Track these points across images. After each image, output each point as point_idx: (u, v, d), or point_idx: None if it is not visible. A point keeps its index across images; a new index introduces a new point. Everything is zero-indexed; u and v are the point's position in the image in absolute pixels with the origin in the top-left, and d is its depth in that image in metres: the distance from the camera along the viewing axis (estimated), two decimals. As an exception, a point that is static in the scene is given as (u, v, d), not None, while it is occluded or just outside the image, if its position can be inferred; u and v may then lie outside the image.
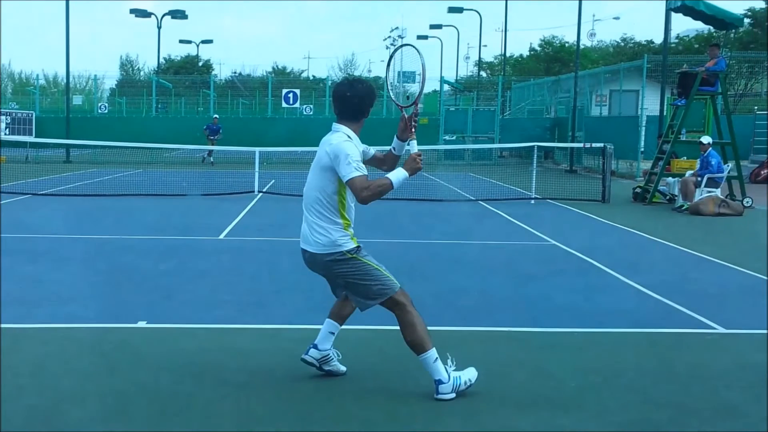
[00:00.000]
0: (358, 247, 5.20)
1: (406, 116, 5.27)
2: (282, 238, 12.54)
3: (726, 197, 16.70)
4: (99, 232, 12.82)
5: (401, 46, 5.55)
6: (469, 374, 5.26)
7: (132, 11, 49.93)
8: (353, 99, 5.21)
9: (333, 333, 5.58)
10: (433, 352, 5.14)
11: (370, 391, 5.39)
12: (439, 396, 5.13)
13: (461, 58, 77.37)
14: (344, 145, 5.07)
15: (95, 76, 49.85)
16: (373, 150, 5.44)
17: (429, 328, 5.24)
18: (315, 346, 5.56)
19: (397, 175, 5.06)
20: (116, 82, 65.83)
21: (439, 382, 5.14)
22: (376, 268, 5.17)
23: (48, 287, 8.47)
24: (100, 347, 6.31)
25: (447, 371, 5.17)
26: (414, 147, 5.19)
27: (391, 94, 5.88)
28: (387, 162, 5.43)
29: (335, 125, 5.26)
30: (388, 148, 5.40)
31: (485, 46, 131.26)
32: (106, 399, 5.16)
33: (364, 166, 5.08)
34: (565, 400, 5.28)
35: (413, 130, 5.24)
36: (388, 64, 5.63)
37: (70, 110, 34.83)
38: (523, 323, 7.33)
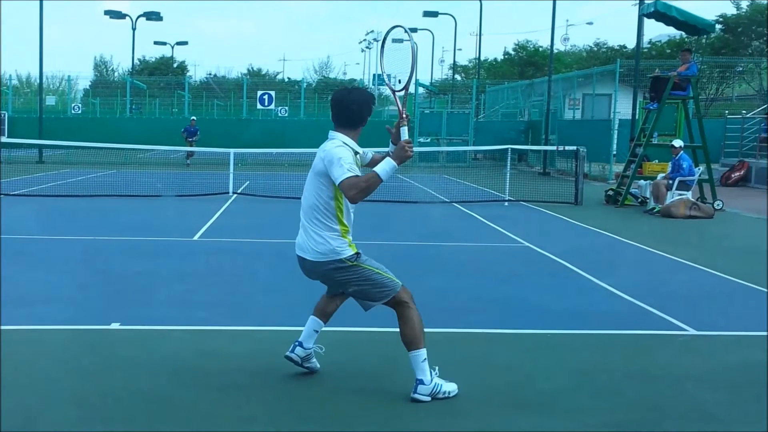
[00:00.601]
0: (358, 253, 5.23)
1: (399, 104, 5.29)
2: (257, 239, 12.54)
3: (697, 200, 16.88)
4: (72, 233, 12.74)
5: (391, 29, 5.50)
6: (450, 387, 5.29)
7: (106, 12, 49.56)
8: (351, 106, 5.22)
9: (317, 331, 5.62)
10: (424, 352, 5.19)
11: (348, 392, 5.42)
12: (416, 395, 5.16)
13: (436, 62, 77.60)
14: (336, 150, 5.08)
15: (69, 76, 49.55)
16: (371, 153, 5.47)
17: (395, 329, 5.29)
18: (300, 344, 5.59)
19: (384, 166, 5.03)
20: (90, 83, 65.22)
21: (420, 381, 5.18)
22: (377, 272, 5.23)
23: (20, 288, 8.38)
24: (74, 349, 6.29)
25: (431, 374, 5.21)
26: (405, 134, 5.16)
27: (384, 77, 5.86)
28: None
29: (332, 133, 5.26)
30: (385, 149, 5.38)
31: (460, 49, 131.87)
32: (80, 402, 5.14)
33: (357, 168, 5.07)
34: (540, 402, 5.32)
35: (405, 116, 5.23)
36: (383, 48, 5.56)
37: (43, 110, 34.53)
38: (496, 325, 7.38)
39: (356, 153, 5.20)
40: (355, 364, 6.06)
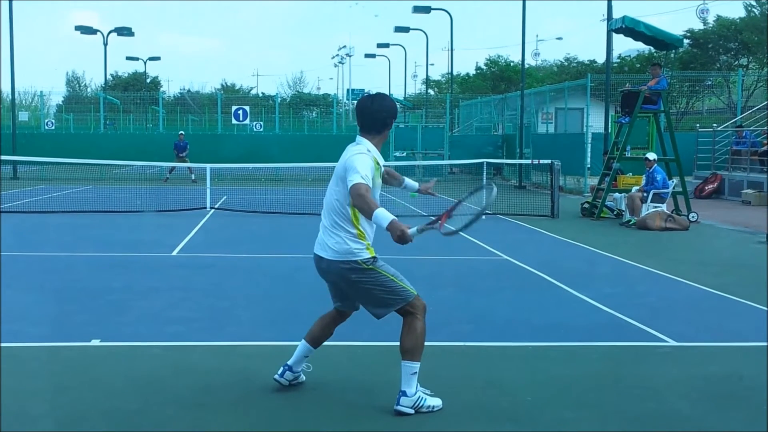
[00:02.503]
0: (374, 257, 5.24)
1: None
2: (235, 254, 12.50)
3: (672, 212, 17.04)
4: (50, 250, 12.65)
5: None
6: (435, 401, 5.30)
7: (77, 28, 49.34)
8: (375, 114, 5.29)
9: (307, 356, 5.63)
10: (417, 366, 5.19)
11: (329, 406, 5.40)
12: (399, 407, 5.16)
13: (409, 77, 77.96)
14: (358, 157, 5.13)
15: (41, 92, 49.14)
16: (410, 182, 5.92)
17: (382, 343, 5.29)
18: (290, 368, 5.60)
19: (383, 214, 4.92)
20: (63, 99, 64.81)
21: (404, 393, 5.18)
22: (392, 279, 5.24)
23: (-3, 306, 8.31)
24: (53, 366, 6.23)
25: (417, 388, 5.21)
26: (414, 231, 5.13)
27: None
28: (389, 180, 5.71)
29: (358, 138, 5.33)
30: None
31: (432, 64, 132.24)
32: (58, 419, 5.10)
33: (371, 179, 5.10)
34: (521, 414, 5.34)
35: (438, 223, 5.52)
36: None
37: (16, 126, 34.25)
38: (476, 338, 7.38)
39: (378, 163, 5.24)
40: (337, 378, 6.04)
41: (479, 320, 8.15)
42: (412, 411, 5.17)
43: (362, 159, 5.12)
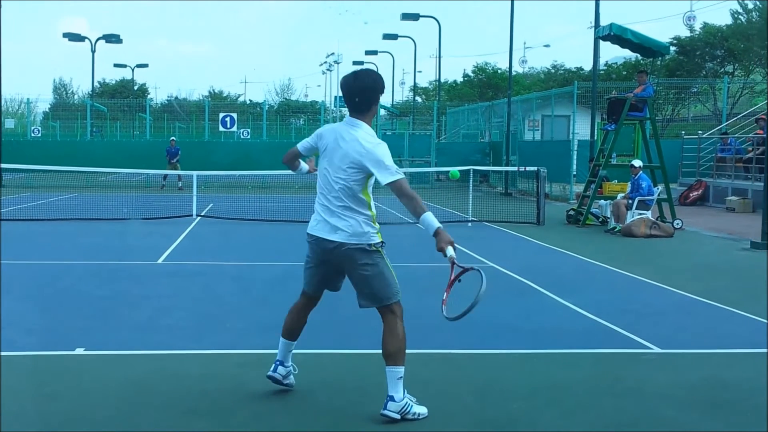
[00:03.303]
0: (383, 242, 5.29)
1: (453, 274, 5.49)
2: (221, 261, 12.49)
3: (657, 219, 17.13)
4: (35, 258, 12.61)
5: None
6: (421, 409, 5.30)
7: (65, 35, 49.11)
8: (363, 92, 5.24)
9: (290, 351, 5.66)
10: (402, 370, 5.20)
11: (313, 413, 5.42)
12: (386, 412, 5.17)
13: (397, 84, 78.00)
14: (381, 149, 5.16)
15: (28, 99, 48.88)
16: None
17: (368, 351, 5.31)
18: (281, 363, 5.62)
19: (432, 219, 5.19)
20: (50, 106, 64.66)
21: (391, 398, 5.18)
22: (390, 271, 5.29)
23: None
24: (38, 375, 6.22)
25: (404, 393, 5.22)
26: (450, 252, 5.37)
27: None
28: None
29: (352, 120, 5.28)
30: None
31: (420, 71, 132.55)
32: (48, 427, 5.10)
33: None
34: (510, 421, 5.37)
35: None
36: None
37: (2, 134, 34.11)
38: (462, 345, 7.41)
39: None
40: (324, 384, 6.06)
41: (465, 327, 8.13)
42: (398, 416, 5.17)
43: (386, 150, 5.16)
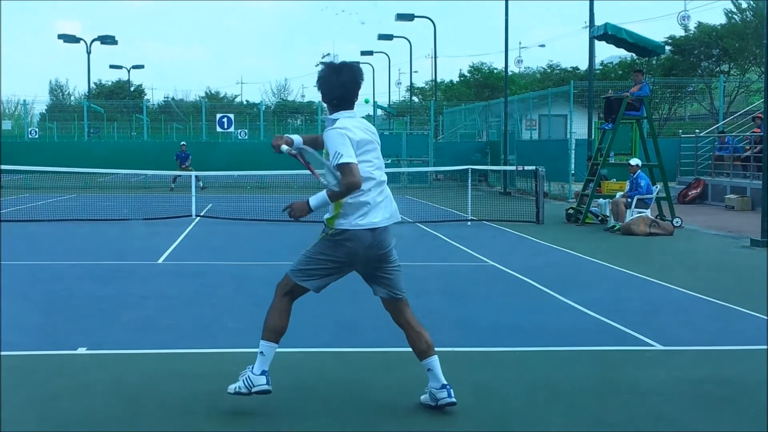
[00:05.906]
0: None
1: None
2: (221, 261, 12.49)
3: (656, 218, 17.15)
4: (35, 259, 12.60)
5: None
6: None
7: (60, 36, 49.00)
8: (346, 87, 5.30)
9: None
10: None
11: (309, 413, 5.41)
12: (453, 398, 5.28)
13: (393, 84, 77.88)
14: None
15: (24, 101, 48.89)
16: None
17: (368, 349, 5.33)
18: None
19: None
20: (46, 107, 64.56)
21: (449, 386, 5.32)
22: None
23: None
24: (40, 375, 6.21)
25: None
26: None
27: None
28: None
29: (352, 113, 5.44)
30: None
31: (416, 72, 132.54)
32: (48, 427, 5.10)
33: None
34: (511, 419, 5.36)
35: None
36: None
37: (0, 135, 34.10)
38: (463, 343, 7.38)
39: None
40: (324, 384, 6.06)
41: (466, 326, 8.19)
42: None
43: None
